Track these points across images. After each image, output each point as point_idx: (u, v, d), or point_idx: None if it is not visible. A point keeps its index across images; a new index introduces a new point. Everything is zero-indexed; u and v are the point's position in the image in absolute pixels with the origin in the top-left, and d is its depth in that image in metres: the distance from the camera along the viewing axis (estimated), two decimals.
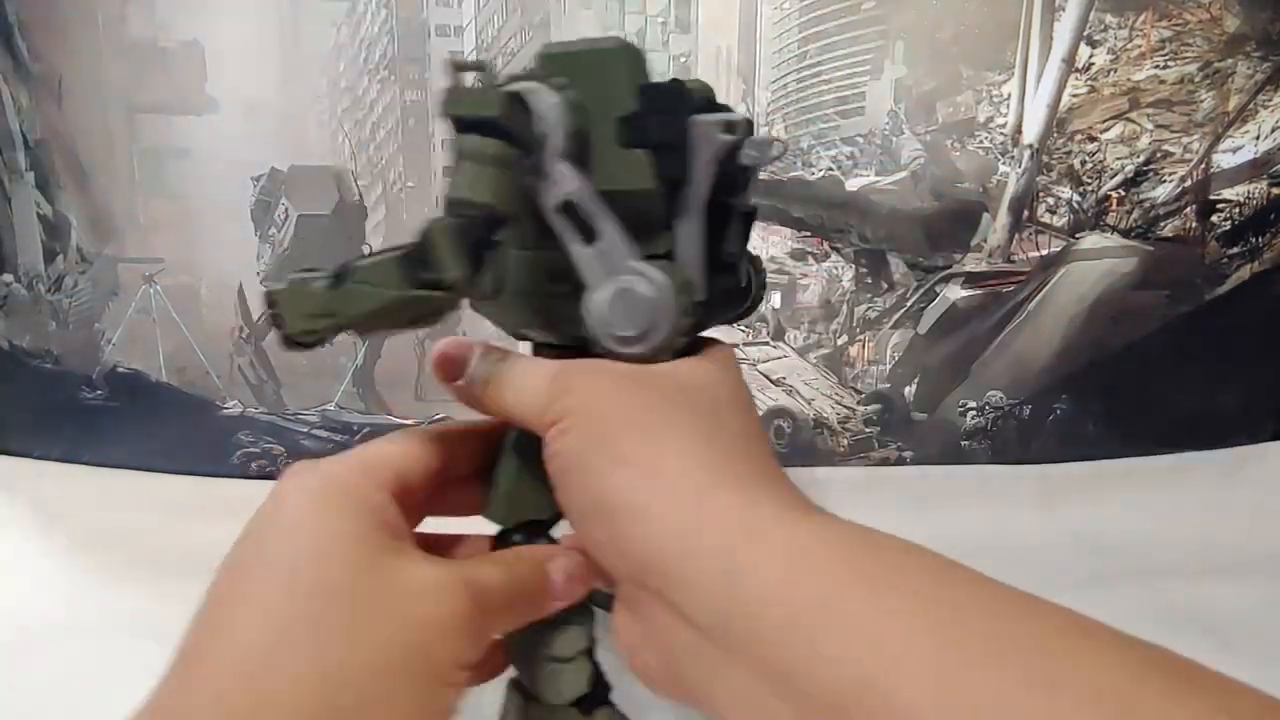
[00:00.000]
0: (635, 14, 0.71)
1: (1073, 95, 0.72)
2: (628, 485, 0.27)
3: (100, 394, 0.76)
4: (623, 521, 0.27)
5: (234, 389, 0.76)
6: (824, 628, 0.23)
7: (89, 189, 0.73)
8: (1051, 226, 0.75)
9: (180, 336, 0.75)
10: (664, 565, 0.26)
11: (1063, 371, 0.77)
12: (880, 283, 0.76)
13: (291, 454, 0.77)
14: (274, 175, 0.72)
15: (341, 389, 0.77)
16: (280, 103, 0.71)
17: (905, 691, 0.21)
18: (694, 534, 0.25)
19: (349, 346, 0.76)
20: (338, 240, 0.74)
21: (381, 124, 0.72)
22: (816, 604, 0.23)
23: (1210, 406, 0.78)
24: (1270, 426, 0.78)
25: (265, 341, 0.76)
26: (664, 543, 0.26)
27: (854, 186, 0.74)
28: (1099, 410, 0.78)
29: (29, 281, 0.75)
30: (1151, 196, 0.74)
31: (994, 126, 0.73)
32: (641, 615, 0.28)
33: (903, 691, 0.21)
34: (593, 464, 0.27)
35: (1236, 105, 0.72)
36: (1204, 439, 0.75)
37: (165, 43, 0.69)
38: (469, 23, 0.71)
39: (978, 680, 0.21)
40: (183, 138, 0.71)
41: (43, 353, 0.76)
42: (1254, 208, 0.74)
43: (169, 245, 0.74)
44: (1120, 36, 0.71)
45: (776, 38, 0.71)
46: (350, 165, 0.72)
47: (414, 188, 0.73)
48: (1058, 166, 0.74)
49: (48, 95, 0.71)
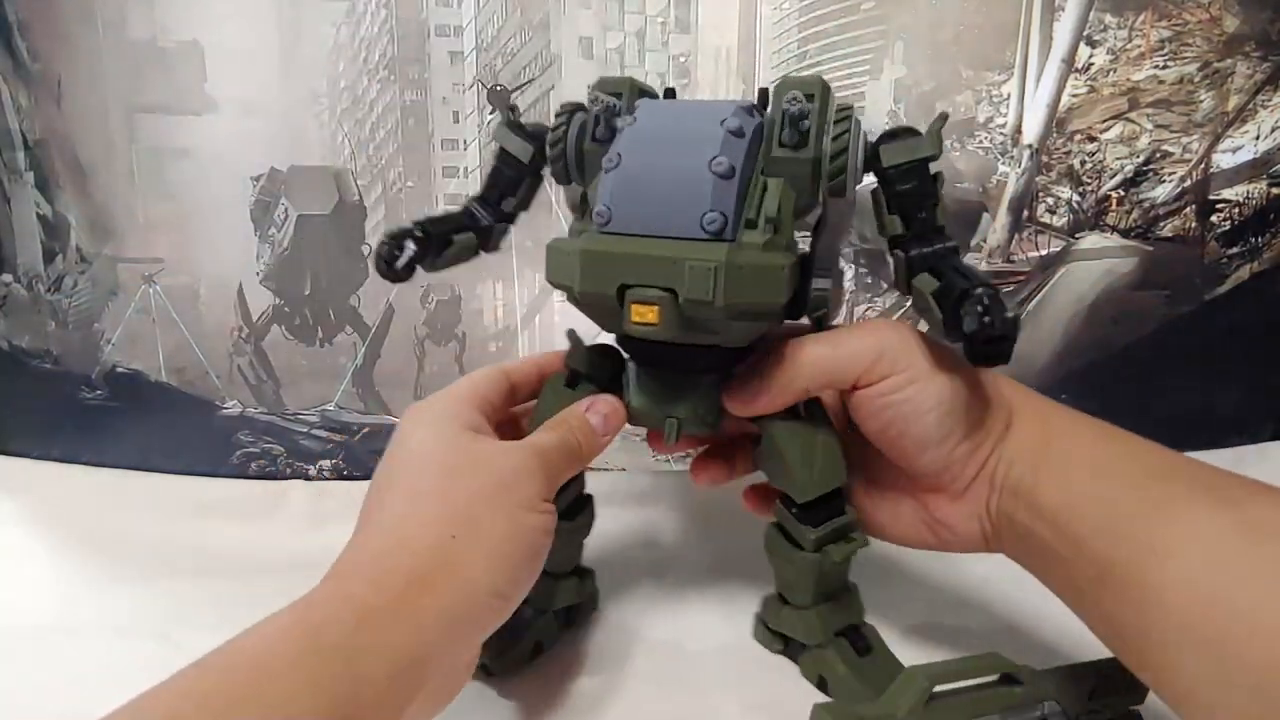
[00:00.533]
0: (635, 14, 0.71)
1: (1072, 95, 0.72)
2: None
3: (100, 394, 0.76)
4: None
5: (233, 389, 0.76)
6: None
7: (88, 189, 0.73)
8: (1051, 226, 0.75)
9: (180, 336, 0.75)
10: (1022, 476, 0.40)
11: (1063, 371, 0.77)
12: (880, 283, 0.76)
13: (291, 454, 0.77)
14: (274, 175, 0.72)
15: (341, 389, 0.77)
16: (280, 103, 0.71)
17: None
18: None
19: (349, 346, 0.76)
20: (337, 240, 0.74)
21: (381, 124, 0.72)
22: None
23: (1210, 406, 0.78)
24: (1270, 426, 0.78)
25: (265, 341, 0.76)
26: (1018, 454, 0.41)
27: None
28: (1099, 410, 0.77)
29: (28, 281, 0.75)
30: (1151, 196, 0.74)
31: (994, 126, 0.73)
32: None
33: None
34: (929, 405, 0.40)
35: (1236, 105, 0.72)
36: (1204, 439, 0.75)
37: (165, 43, 0.69)
38: (469, 23, 0.71)
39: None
40: (182, 138, 0.71)
41: (42, 353, 0.76)
42: (1254, 208, 0.75)
43: (169, 245, 0.74)
44: (1120, 36, 0.71)
45: (776, 38, 0.71)
46: (350, 165, 0.72)
47: (414, 188, 0.73)
48: (1057, 166, 0.74)
49: (47, 95, 0.71)
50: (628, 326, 0.36)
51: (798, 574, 0.45)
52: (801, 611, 0.46)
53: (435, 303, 0.74)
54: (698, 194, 0.36)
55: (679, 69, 0.71)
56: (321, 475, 0.77)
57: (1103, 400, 0.77)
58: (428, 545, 0.35)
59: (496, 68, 0.71)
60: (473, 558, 0.35)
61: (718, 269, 0.35)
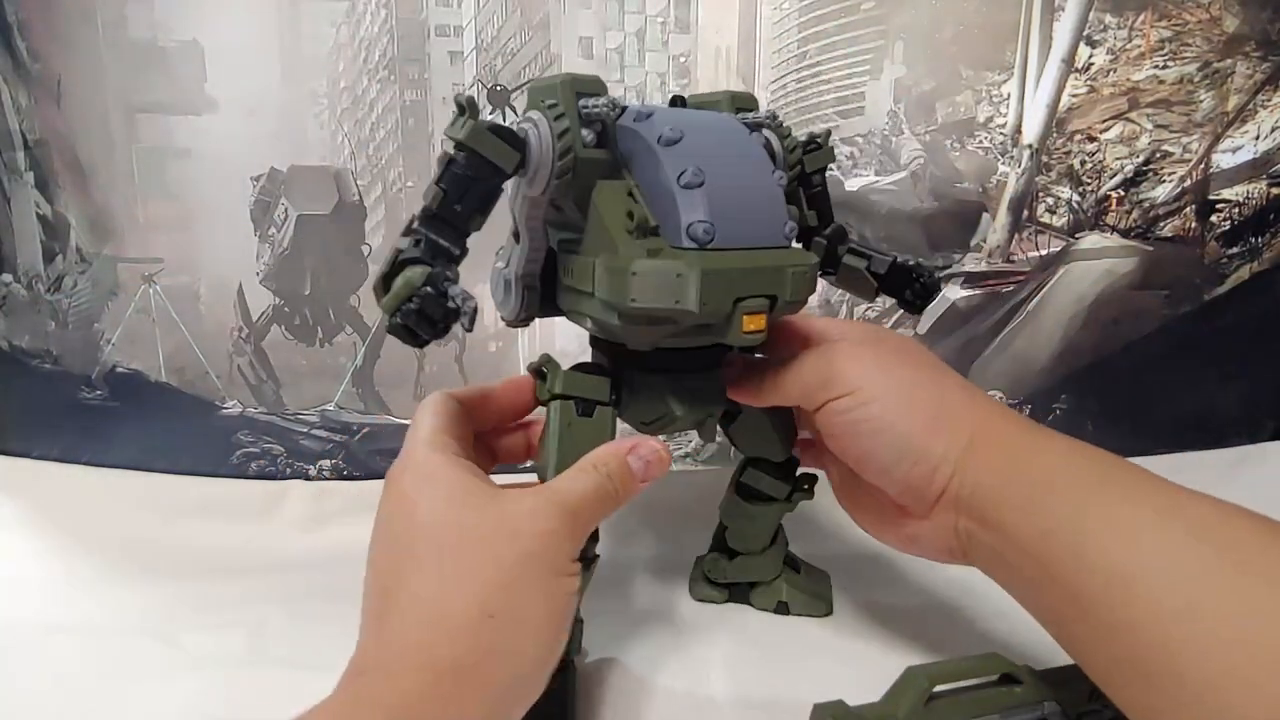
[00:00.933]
0: (635, 14, 0.71)
1: (1072, 95, 0.72)
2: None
3: (99, 394, 0.76)
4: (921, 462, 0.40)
5: (233, 389, 0.76)
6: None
7: (88, 189, 0.73)
8: (1051, 226, 0.75)
9: (180, 336, 0.75)
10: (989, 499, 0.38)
11: (1062, 371, 0.77)
12: None
13: (291, 454, 0.77)
14: (273, 175, 0.72)
15: (341, 389, 0.77)
16: (280, 103, 0.71)
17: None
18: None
19: (349, 346, 0.76)
20: (337, 240, 0.74)
21: (381, 124, 0.72)
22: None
23: (1210, 406, 0.78)
24: (1270, 426, 0.78)
25: (265, 341, 0.76)
26: (983, 478, 0.38)
27: (854, 186, 0.74)
28: (1098, 410, 0.78)
29: (28, 281, 0.75)
30: (1151, 196, 0.74)
31: (993, 126, 0.73)
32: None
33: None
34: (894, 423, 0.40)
35: (1236, 105, 0.72)
36: (1204, 439, 0.75)
37: (165, 43, 0.69)
38: (469, 23, 0.71)
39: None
40: (182, 138, 0.71)
41: (42, 353, 0.76)
42: (1253, 208, 0.75)
43: (168, 245, 0.74)
44: (1120, 36, 0.71)
45: (776, 38, 0.71)
46: (350, 165, 0.72)
47: (413, 187, 0.73)
48: (1057, 166, 0.74)
49: (47, 95, 0.71)
50: (737, 337, 0.38)
51: (761, 525, 0.53)
52: (757, 556, 0.54)
53: None
54: (778, 206, 0.40)
55: (679, 69, 0.71)
56: (321, 475, 0.77)
57: (1103, 400, 0.78)
58: (467, 629, 0.32)
59: (496, 68, 0.71)
60: (514, 637, 0.33)
61: (807, 272, 0.39)
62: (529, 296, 0.44)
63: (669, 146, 0.38)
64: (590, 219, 0.40)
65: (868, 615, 0.52)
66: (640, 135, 0.39)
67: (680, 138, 0.39)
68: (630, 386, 0.45)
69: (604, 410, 0.43)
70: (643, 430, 0.46)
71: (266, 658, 0.50)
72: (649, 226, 0.38)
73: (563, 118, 0.38)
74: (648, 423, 0.46)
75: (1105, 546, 0.33)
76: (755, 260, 0.38)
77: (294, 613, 0.54)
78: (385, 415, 0.77)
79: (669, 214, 0.38)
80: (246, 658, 0.50)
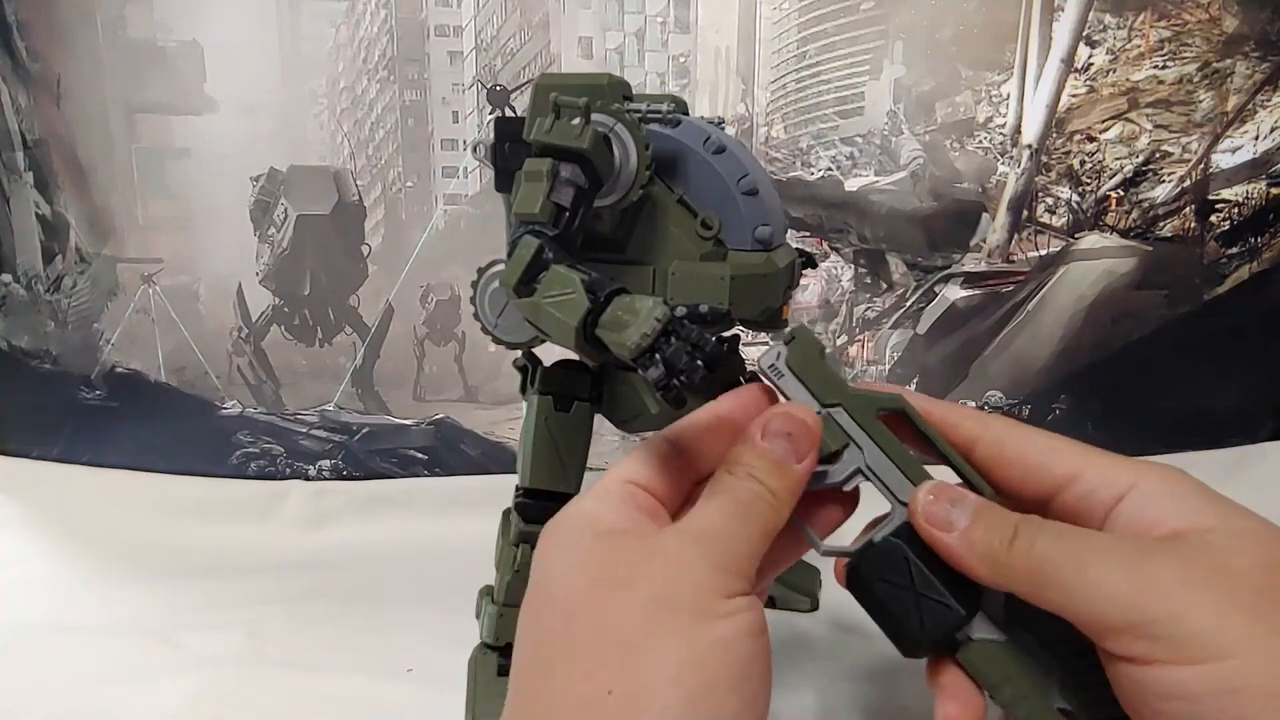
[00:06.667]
0: (634, 14, 0.71)
1: (1072, 95, 0.72)
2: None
3: (99, 394, 0.76)
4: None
5: (233, 389, 0.76)
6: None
7: (88, 189, 0.73)
8: (1051, 226, 0.75)
9: (179, 336, 0.75)
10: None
11: (1062, 371, 0.77)
12: (879, 283, 0.76)
13: (291, 454, 0.77)
14: (273, 175, 0.72)
15: (341, 389, 0.77)
16: (279, 103, 0.71)
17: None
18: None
19: (348, 347, 0.76)
20: (337, 240, 0.74)
21: (380, 124, 0.72)
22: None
23: (1210, 406, 0.78)
24: (1270, 426, 0.78)
25: (264, 342, 0.76)
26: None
27: (853, 186, 0.74)
28: (1098, 410, 0.78)
29: (28, 282, 0.75)
30: (1150, 196, 0.74)
31: (993, 126, 0.73)
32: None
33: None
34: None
35: (1235, 105, 0.72)
36: (1204, 439, 0.75)
37: (164, 43, 0.69)
38: (468, 23, 0.71)
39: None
40: (182, 138, 0.71)
41: (41, 353, 0.76)
42: (1253, 208, 0.75)
43: (168, 245, 0.74)
44: (1119, 37, 0.71)
45: (776, 38, 0.71)
46: (349, 165, 0.72)
47: (413, 187, 0.73)
48: (1057, 166, 0.74)
49: (47, 95, 0.71)
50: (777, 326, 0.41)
51: None
52: None
53: (435, 303, 0.74)
54: (781, 209, 0.42)
55: (678, 69, 0.71)
56: (321, 475, 0.77)
57: (1103, 400, 0.78)
58: (592, 711, 0.27)
59: (496, 68, 0.71)
60: (643, 712, 0.27)
61: (793, 265, 0.42)
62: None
63: (718, 155, 0.40)
64: (644, 227, 0.40)
65: (854, 611, 0.52)
66: (683, 143, 0.39)
67: (725, 147, 0.40)
68: (610, 383, 0.45)
69: (582, 406, 0.43)
70: (621, 428, 0.45)
71: (266, 658, 0.50)
72: (717, 234, 0.39)
73: (639, 126, 0.36)
74: (625, 420, 0.45)
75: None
76: (788, 256, 0.42)
77: (293, 613, 0.54)
78: (385, 415, 0.77)
79: (729, 219, 0.40)
80: (246, 657, 0.50)
